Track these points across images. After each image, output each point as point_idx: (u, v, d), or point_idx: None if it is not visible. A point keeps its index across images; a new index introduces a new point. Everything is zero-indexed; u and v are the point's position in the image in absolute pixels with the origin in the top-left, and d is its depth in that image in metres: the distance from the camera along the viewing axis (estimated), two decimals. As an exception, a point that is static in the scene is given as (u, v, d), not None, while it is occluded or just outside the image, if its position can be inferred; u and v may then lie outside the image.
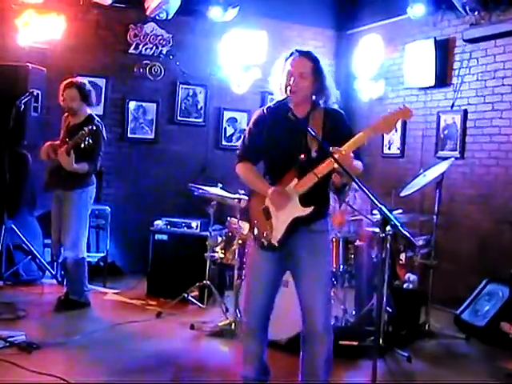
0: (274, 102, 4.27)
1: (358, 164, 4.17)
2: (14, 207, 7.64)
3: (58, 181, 6.73)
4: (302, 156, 4.15)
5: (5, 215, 7.40)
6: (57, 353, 5.45)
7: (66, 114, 6.99)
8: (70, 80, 6.91)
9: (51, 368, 4.88)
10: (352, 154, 4.02)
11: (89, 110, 6.92)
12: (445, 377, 5.53)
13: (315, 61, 4.28)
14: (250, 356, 4.48)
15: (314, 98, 4.29)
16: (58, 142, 6.85)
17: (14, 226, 7.50)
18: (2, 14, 8.09)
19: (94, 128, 6.47)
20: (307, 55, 4.27)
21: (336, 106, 4.37)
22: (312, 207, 4.17)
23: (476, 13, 7.66)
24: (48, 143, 6.87)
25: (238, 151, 4.48)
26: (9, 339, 5.41)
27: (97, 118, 6.86)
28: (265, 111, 4.32)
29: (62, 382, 4.69)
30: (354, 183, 3.79)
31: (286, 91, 4.20)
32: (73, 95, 6.75)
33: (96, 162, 6.75)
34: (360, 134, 4.04)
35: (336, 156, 3.87)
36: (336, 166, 3.91)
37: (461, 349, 6.44)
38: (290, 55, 4.27)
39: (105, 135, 6.84)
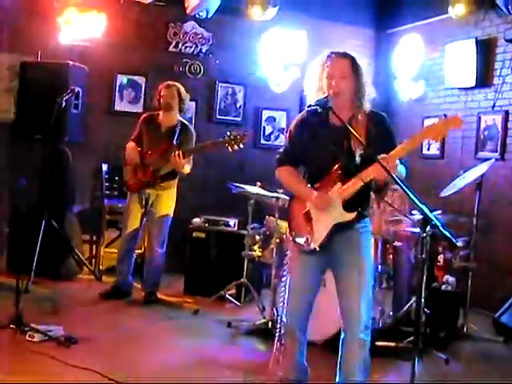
0: (313, 103, 4.12)
1: (402, 169, 4.13)
2: (53, 203, 7.70)
3: (152, 181, 7.10)
4: (344, 161, 4.12)
5: (45, 211, 7.48)
6: (95, 347, 5.49)
7: (147, 117, 7.30)
8: (170, 82, 7.28)
9: (89, 362, 4.92)
10: (398, 161, 3.99)
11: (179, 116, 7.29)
12: (482, 379, 5.47)
13: (352, 59, 4.23)
14: (289, 356, 4.49)
15: (356, 100, 4.20)
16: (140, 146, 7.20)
17: (53, 222, 7.56)
18: (44, 13, 8.17)
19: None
20: (344, 55, 4.23)
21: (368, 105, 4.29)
22: (355, 213, 4.15)
23: (518, 12, 7.57)
24: (134, 146, 7.17)
25: (278, 155, 4.45)
26: (47, 333, 5.47)
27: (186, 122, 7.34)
28: (307, 114, 4.28)
29: (100, 376, 4.71)
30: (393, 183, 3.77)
31: (327, 94, 4.13)
32: (174, 94, 7.14)
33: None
34: (408, 141, 3.99)
35: (383, 163, 3.83)
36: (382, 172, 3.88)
37: (499, 351, 6.40)
38: (327, 58, 4.23)
39: None
